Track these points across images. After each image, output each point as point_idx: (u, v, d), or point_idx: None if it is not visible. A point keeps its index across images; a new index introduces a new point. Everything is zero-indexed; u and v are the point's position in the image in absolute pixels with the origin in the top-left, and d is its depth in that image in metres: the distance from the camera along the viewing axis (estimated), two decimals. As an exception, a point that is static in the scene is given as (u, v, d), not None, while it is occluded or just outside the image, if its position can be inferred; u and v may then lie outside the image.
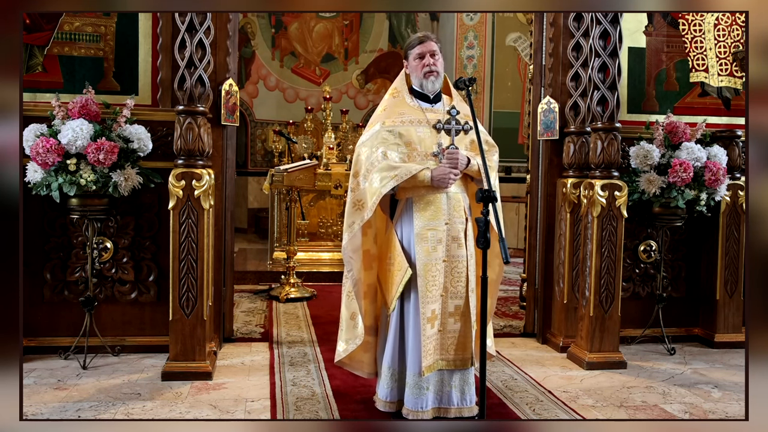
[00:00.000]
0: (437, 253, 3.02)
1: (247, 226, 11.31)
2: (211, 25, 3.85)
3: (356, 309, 3.11)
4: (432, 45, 3.12)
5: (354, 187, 3.09)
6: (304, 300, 6.12)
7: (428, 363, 3.01)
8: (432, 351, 3.02)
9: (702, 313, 4.88)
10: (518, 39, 10.13)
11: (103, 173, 3.70)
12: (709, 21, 4.86)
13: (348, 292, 3.15)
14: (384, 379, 3.12)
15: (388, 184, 2.94)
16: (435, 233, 3.03)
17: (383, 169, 2.97)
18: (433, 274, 3.01)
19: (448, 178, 2.98)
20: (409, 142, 3.05)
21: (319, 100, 10.06)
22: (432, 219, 3.03)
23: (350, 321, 3.17)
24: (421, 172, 2.96)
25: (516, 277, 7.52)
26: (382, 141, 3.04)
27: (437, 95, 3.19)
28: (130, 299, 4.19)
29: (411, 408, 3.03)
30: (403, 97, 3.18)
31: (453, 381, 3.11)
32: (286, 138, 7.51)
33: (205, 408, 3.32)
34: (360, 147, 3.13)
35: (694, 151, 4.34)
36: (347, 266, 3.10)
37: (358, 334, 3.11)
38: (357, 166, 3.11)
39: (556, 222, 4.73)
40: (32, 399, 3.37)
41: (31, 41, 4.09)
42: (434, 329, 3.03)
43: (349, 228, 3.06)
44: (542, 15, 4.80)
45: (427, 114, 3.12)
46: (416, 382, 3.03)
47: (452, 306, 3.06)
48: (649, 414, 3.39)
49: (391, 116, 3.10)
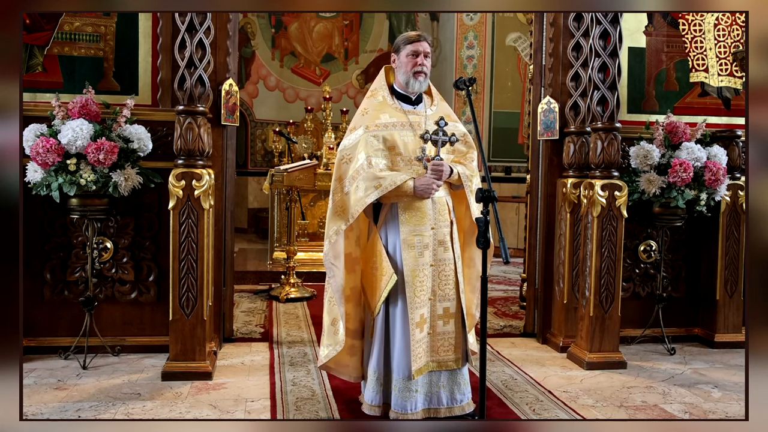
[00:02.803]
0: (424, 258, 3.02)
1: (247, 226, 11.31)
2: (211, 25, 3.85)
3: (337, 315, 3.09)
4: (427, 46, 3.11)
5: (336, 191, 3.06)
6: (304, 300, 6.12)
7: (418, 366, 3.00)
8: (422, 354, 3.02)
9: (702, 313, 4.88)
10: (518, 39, 10.13)
11: (103, 173, 3.70)
12: (709, 21, 4.86)
13: (330, 298, 3.13)
14: (370, 382, 3.11)
15: (372, 194, 2.93)
16: (421, 239, 3.03)
17: (368, 178, 2.94)
18: (420, 280, 3.01)
19: (431, 190, 2.98)
20: (393, 147, 3.03)
21: (319, 100, 10.07)
22: (418, 224, 3.03)
23: (331, 327, 3.14)
24: (405, 183, 2.95)
25: (516, 277, 7.53)
26: (365, 146, 3.01)
27: (419, 96, 3.18)
28: (130, 299, 4.19)
29: (399, 411, 3.02)
30: (384, 98, 3.15)
31: (441, 381, 3.11)
32: (286, 138, 7.51)
33: (205, 408, 3.32)
34: (342, 151, 3.10)
35: (694, 151, 4.34)
36: (329, 272, 3.06)
37: (339, 340, 3.10)
38: (339, 171, 3.08)
39: (556, 222, 4.73)
40: (32, 399, 3.37)
41: (31, 41, 4.10)
42: (423, 333, 3.03)
43: (333, 235, 3.03)
44: (542, 15, 4.80)
45: (410, 116, 3.10)
46: (405, 385, 3.02)
47: (441, 309, 3.07)
48: (649, 414, 3.39)
49: (374, 119, 3.07)
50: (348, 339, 3.14)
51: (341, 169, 3.08)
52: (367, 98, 3.21)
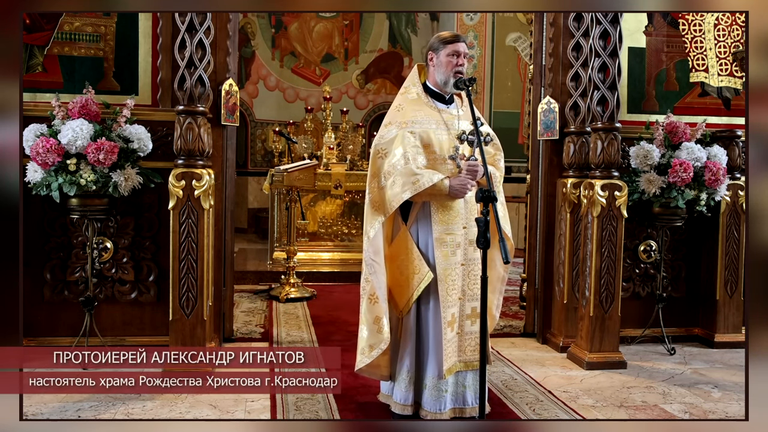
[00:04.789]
0: (456, 257, 3.04)
1: (247, 226, 11.30)
2: (211, 25, 3.85)
3: (380, 312, 3.02)
4: (465, 47, 3.12)
5: (373, 188, 3.05)
6: (304, 300, 6.11)
7: (449, 366, 3.02)
8: (452, 354, 3.04)
9: (702, 313, 4.88)
10: (518, 39, 10.13)
11: (103, 173, 3.70)
12: (709, 21, 4.86)
13: (370, 296, 3.05)
14: (401, 381, 3.09)
15: (409, 190, 2.91)
16: (453, 237, 3.04)
17: (405, 174, 2.93)
18: (452, 279, 3.03)
19: (466, 189, 2.98)
20: (428, 144, 3.03)
21: (319, 100, 10.05)
22: (451, 223, 3.04)
23: (374, 325, 3.05)
24: (441, 182, 2.94)
25: (516, 277, 7.52)
26: (402, 141, 3.00)
27: (450, 96, 3.19)
28: (130, 299, 4.19)
29: (430, 410, 3.04)
30: (419, 95, 3.15)
31: (467, 381, 3.12)
32: (286, 138, 7.51)
33: (205, 408, 3.32)
34: (377, 146, 3.08)
35: (694, 151, 4.34)
36: (369, 269, 3.02)
37: (384, 338, 3.01)
38: (375, 166, 3.06)
39: (556, 222, 4.72)
40: (32, 399, 3.37)
41: (31, 41, 4.09)
42: (453, 332, 3.04)
43: (370, 230, 3.02)
44: (542, 15, 4.80)
45: (443, 115, 3.11)
46: (435, 385, 3.03)
47: (469, 308, 3.09)
48: (649, 414, 3.39)
49: (408, 116, 3.07)
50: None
51: (376, 164, 3.06)
52: (400, 95, 3.21)
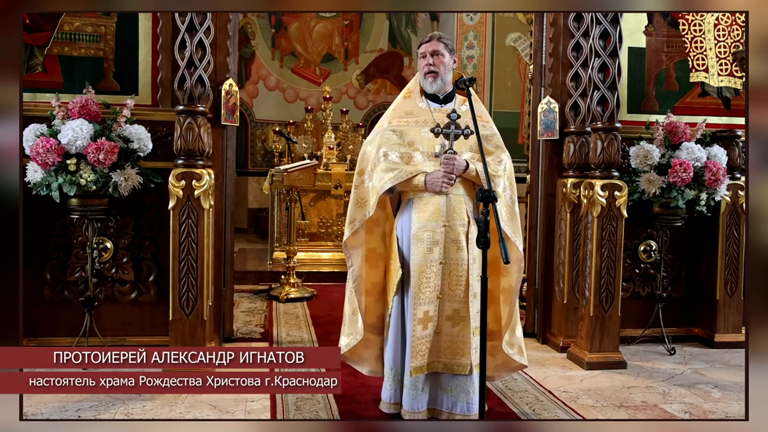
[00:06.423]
0: (433, 254, 3.01)
1: (247, 226, 11.29)
2: (211, 25, 3.86)
3: (356, 305, 3.12)
4: (434, 44, 3.09)
5: (358, 185, 3.12)
6: (304, 300, 6.11)
7: (416, 364, 2.99)
8: (423, 353, 3.01)
9: (702, 313, 4.88)
10: (518, 39, 10.12)
11: (103, 173, 3.70)
12: (709, 21, 4.86)
13: (350, 288, 3.17)
14: (387, 380, 3.12)
15: (386, 184, 2.97)
16: (431, 234, 3.01)
17: (383, 169, 3.00)
18: (427, 276, 3.00)
19: (442, 184, 2.96)
20: (412, 143, 3.06)
21: (319, 100, 10.05)
22: (429, 220, 3.02)
23: (352, 317, 3.18)
24: (416, 176, 2.98)
25: (516, 277, 7.52)
26: (384, 140, 3.07)
27: (448, 95, 3.17)
28: (130, 299, 4.19)
29: (408, 409, 3.03)
30: (414, 97, 3.19)
31: (448, 385, 3.08)
32: (286, 138, 7.51)
33: (205, 408, 3.32)
34: (365, 145, 3.17)
35: (694, 151, 4.34)
36: (348, 261, 3.14)
37: (359, 330, 3.12)
38: (362, 164, 3.14)
39: (556, 222, 4.73)
40: (32, 399, 3.37)
41: (31, 41, 4.09)
42: (428, 331, 3.01)
43: (350, 224, 3.10)
44: (542, 15, 4.80)
45: (434, 114, 3.11)
46: (412, 383, 3.02)
47: (450, 309, 3.04)
48: (649, 414, 3.39)
49: (397, 116, 3.14)
50: (365, 332, 3.14)
51: (363, 163, 3.14)
52: (399, 96, 3.27)
